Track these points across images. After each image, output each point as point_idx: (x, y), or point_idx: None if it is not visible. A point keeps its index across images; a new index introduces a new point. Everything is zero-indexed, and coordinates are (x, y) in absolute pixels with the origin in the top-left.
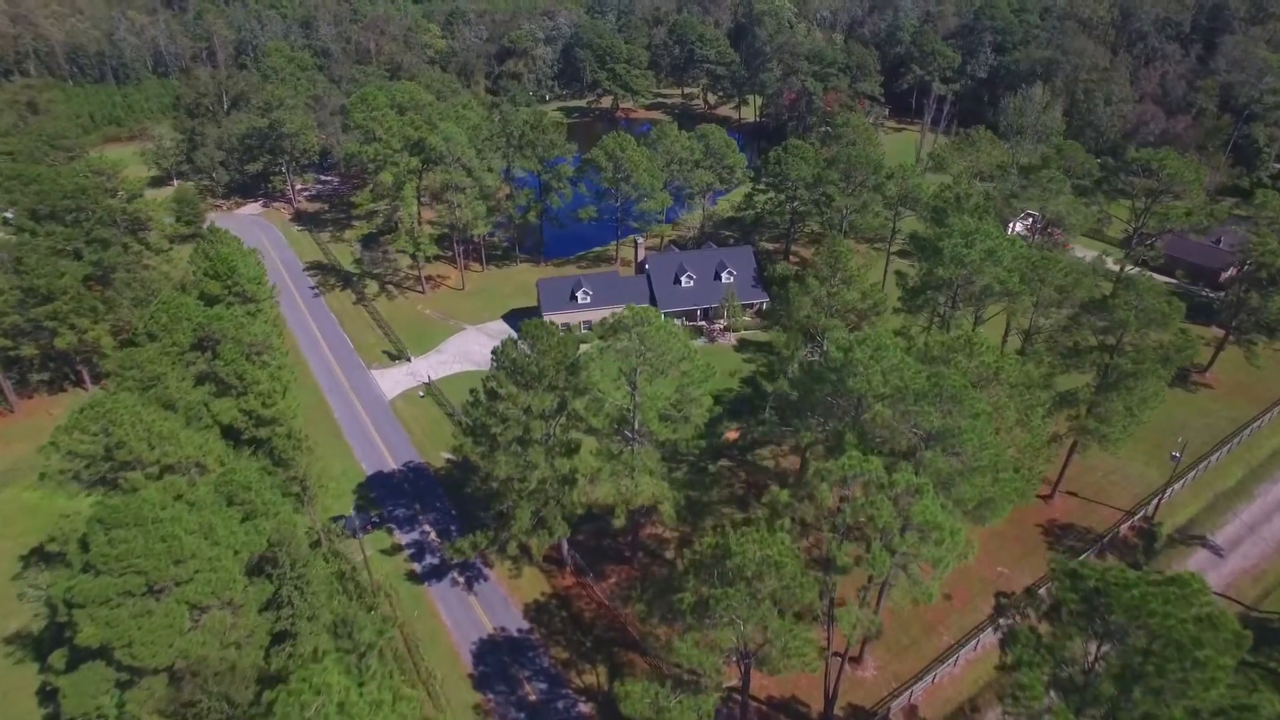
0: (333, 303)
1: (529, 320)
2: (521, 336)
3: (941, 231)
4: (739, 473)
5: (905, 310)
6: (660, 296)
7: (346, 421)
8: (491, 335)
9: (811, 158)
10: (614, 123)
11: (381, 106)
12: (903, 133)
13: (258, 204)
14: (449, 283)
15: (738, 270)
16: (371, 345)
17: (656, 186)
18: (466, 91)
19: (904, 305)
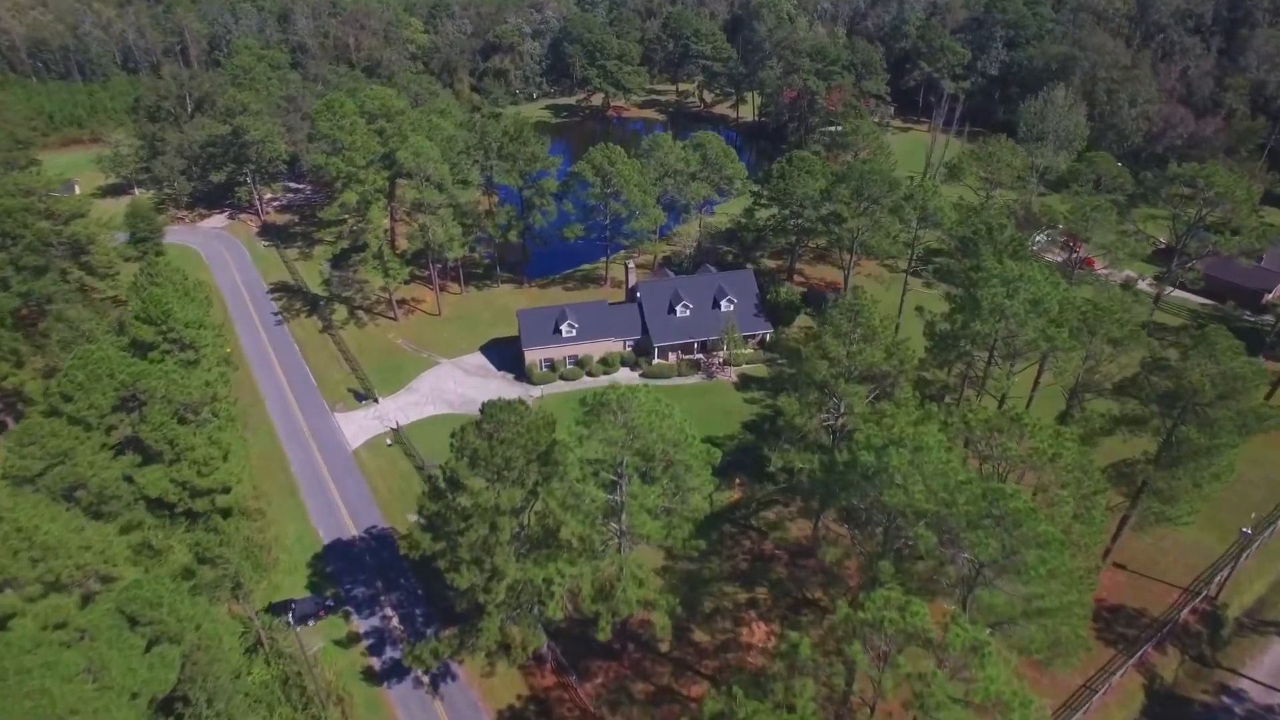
0: (297, 331)
1: (492, 402)
2: (484, 419)
3: (978, 277)
4: (741, 540)
5: (933, 363)
6: (653, 328)
7: (304, 475)
8: (468, 371)
9: (819, 170)
10: (605, 121)
11: (350, 114)
12: (910, 132)
13: (223, 215)
14: (424, 307)
15: (738, 298)
16: (336, 382)
17: (649, 203)
18: (447, 92)
19: (931, 357)
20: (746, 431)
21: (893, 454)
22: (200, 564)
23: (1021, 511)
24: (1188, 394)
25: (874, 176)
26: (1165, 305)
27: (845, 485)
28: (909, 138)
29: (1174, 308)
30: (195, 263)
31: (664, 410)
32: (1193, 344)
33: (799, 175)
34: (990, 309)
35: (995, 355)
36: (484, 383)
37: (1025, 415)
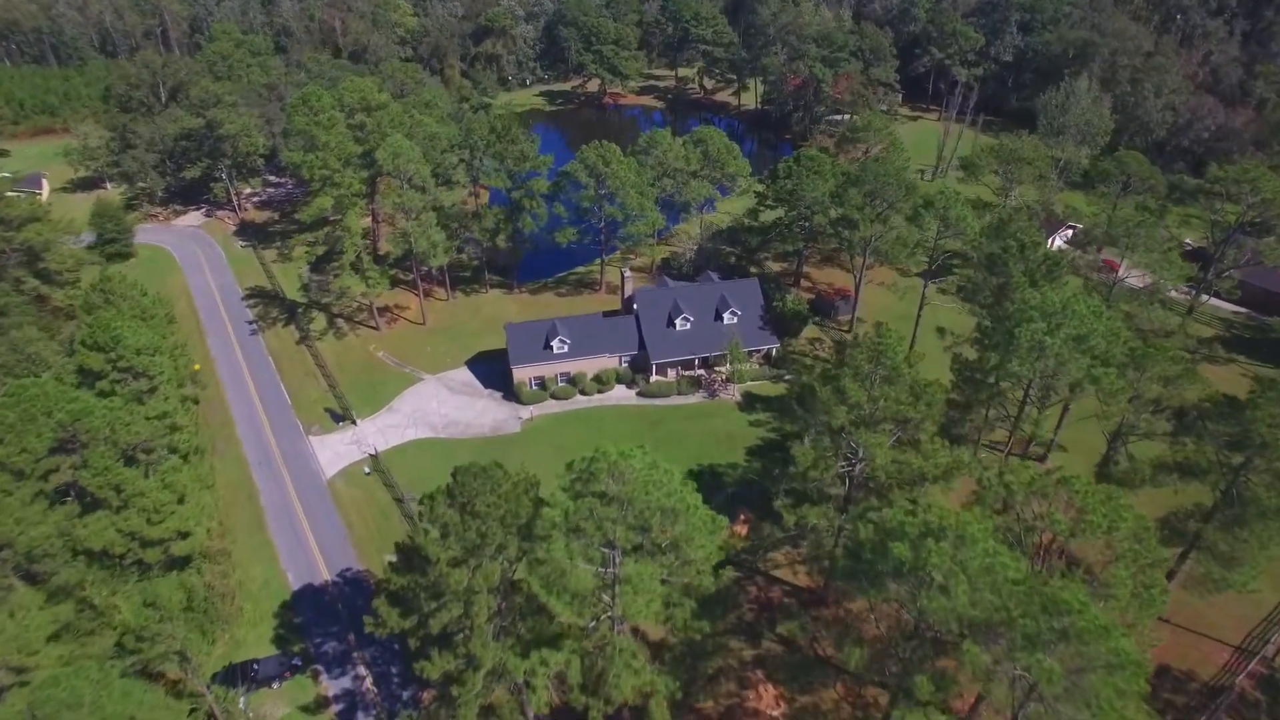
0: (273, 342)
1: (465, 468)
2: (457, 486)
3: (1014, 310)
4: (748, 587)
5: (962, 401)
6: (651, 343)
7: (274, 508)
8: (453, 388)
9: (828, 170)
10: (601, 109)
11: (327, 108)
12: (919, 121)
13: (200, 213)
14: (408, 315)
15: (742, 309)
16: (313, 401)
17: (647, 206)
18: (435, 81)
19: (960, 395)
20: (752, 458)
21: (931, 548)
22: (140, 641)
23: (1091, 631)
24: (1253, 445)
25: (889, 179)
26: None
27: (873, 579)
28: (918, 127)
29: (1204, 316)
30: (168, 265)
31: (661, 478)
32: (1261, 390)
33: (807, 176)
34: (1029, 347)
35: (1031, 394)
36: (470, 402)
37: (1075, 480)
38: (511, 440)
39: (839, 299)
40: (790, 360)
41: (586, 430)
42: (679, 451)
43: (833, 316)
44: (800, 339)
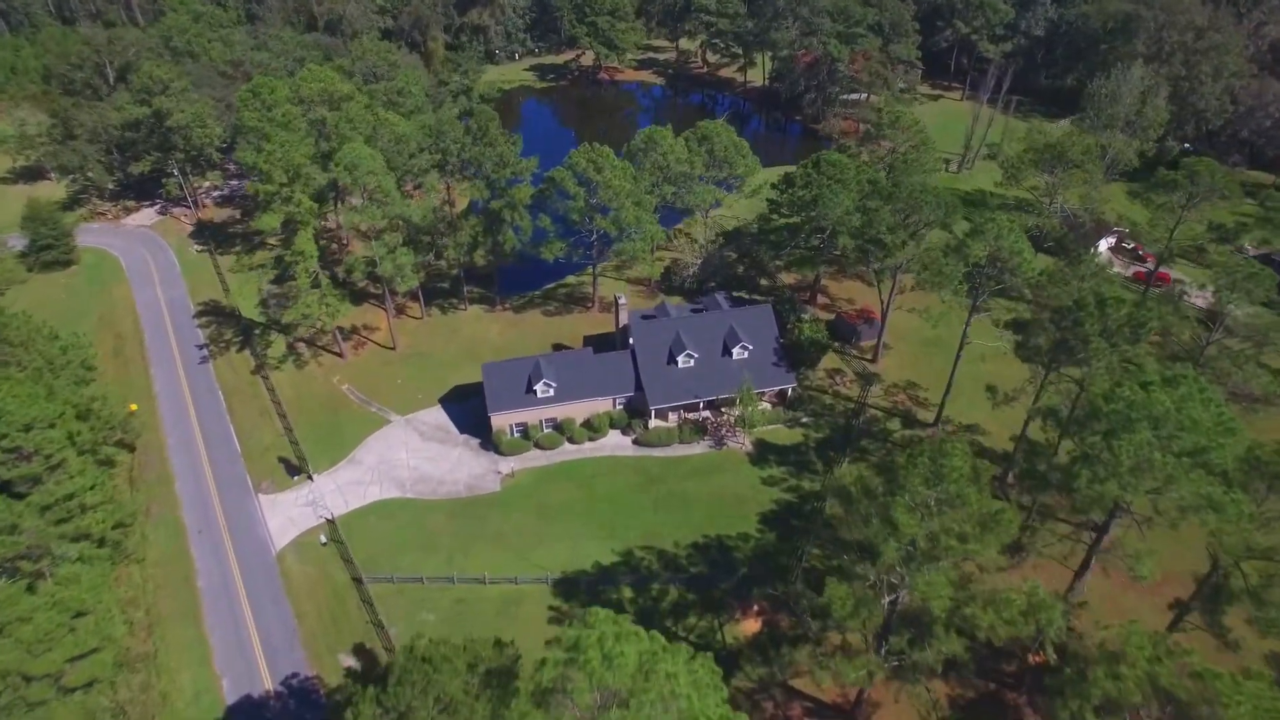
0: (224, 372)
1: (407, 658)
2: (393, 688)
3: (1110, 410)
4: (761, 701)
5: (1029, 504)
6: (649, 384)
7: (212, 592)
8: (425, 433)
9: (851, 178)
10: (596, 85)
11: (282, 102)
12: (940, 100)
13: (153, 210)
14: (377, 337)
15: (754, 342)
16: (266, 448)
17: (645, 218)
18: (413, 59)
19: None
20: (766, 528)
21: None
22: None
23: None
24: None
25: (926, 197)
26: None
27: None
28: (939, 107)
29: None
30: (113, 274)
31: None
32: None
33: (828, 186)
34: (1134, 462)
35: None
36: (443, 451)
37: (1220, 677)
38: (489, 502)
39: (862, 322)
40: (808, 400)
41: (575, 490)
42: (682, 518)
43: (854, 342)
44: (818, 370)
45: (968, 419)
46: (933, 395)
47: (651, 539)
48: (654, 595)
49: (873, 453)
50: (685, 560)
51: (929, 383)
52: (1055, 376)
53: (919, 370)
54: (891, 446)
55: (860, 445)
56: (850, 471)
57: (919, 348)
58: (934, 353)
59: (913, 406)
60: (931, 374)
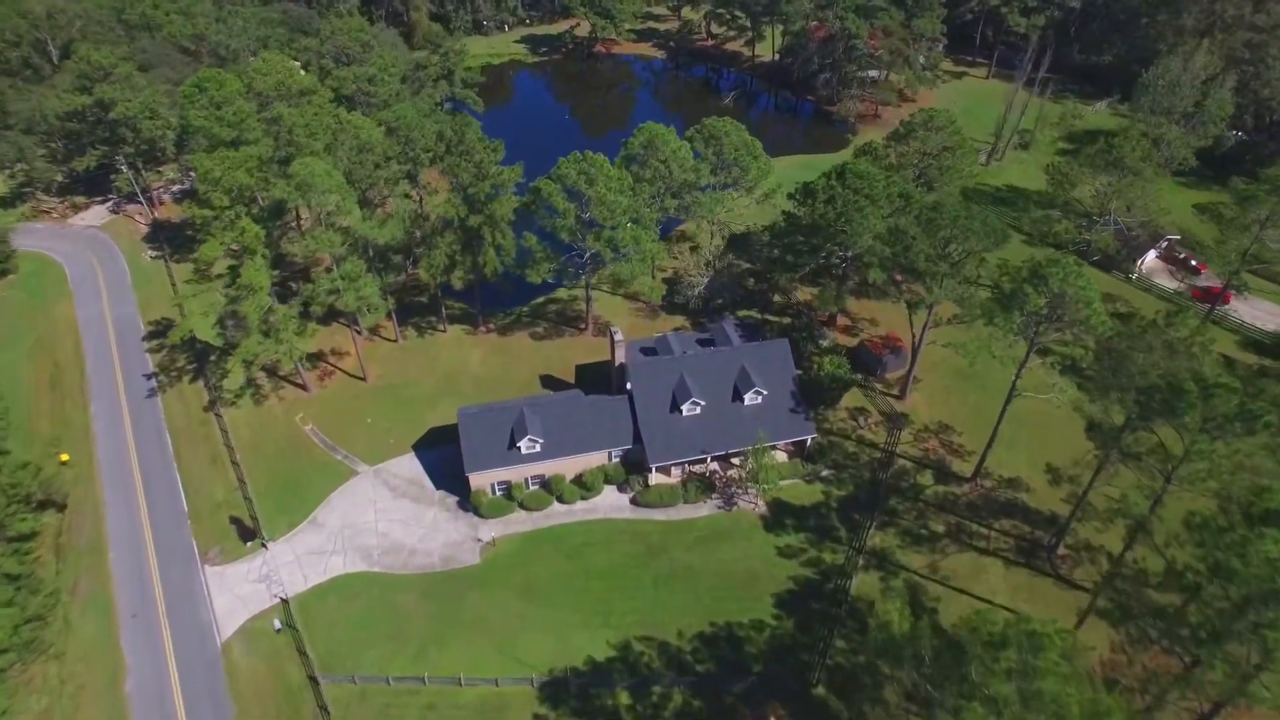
0: (174, 408)
1: None
2: None
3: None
4: None
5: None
6: (650, 436)
7: (143, 700)
8: (396, 489)
9: (881, 192)
10: (593, 58)
11: (232, 98)
12: (965, 79)
13: (105, 207)
14: (346, 364)
15: (769, 386)
16: (216, 505)
17: (644, 238)
18: (390, 37)
19: None
20: (783, 612)
21: None
22: None
23: None
24: None
25: (972, 225)
26: None
27: None
28: (964, 86)
29: None
30: (55, 286)
31: None
32: None
33: (855, 202)
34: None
35: None
36: (416, 512)
37: None
38: (467, 579)
39: (888, 351)
40: (828, 448)
41: (565, 563)
42: (687, 599)
43: (879, 374)
44: (839, 408)
45: (1008, 468)
46: (968, 440)
47: (652, 626)
48: (654, 701)
49: (903, 515)
50: (691, 655)
51: (964, 423)
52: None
53: (952, 408)
54: (924, 507)
55: (888, 505)
56: (894, 610)
57: (951, 380)
58: (968, 387)
59: (946, 455)
60: (965, 412)
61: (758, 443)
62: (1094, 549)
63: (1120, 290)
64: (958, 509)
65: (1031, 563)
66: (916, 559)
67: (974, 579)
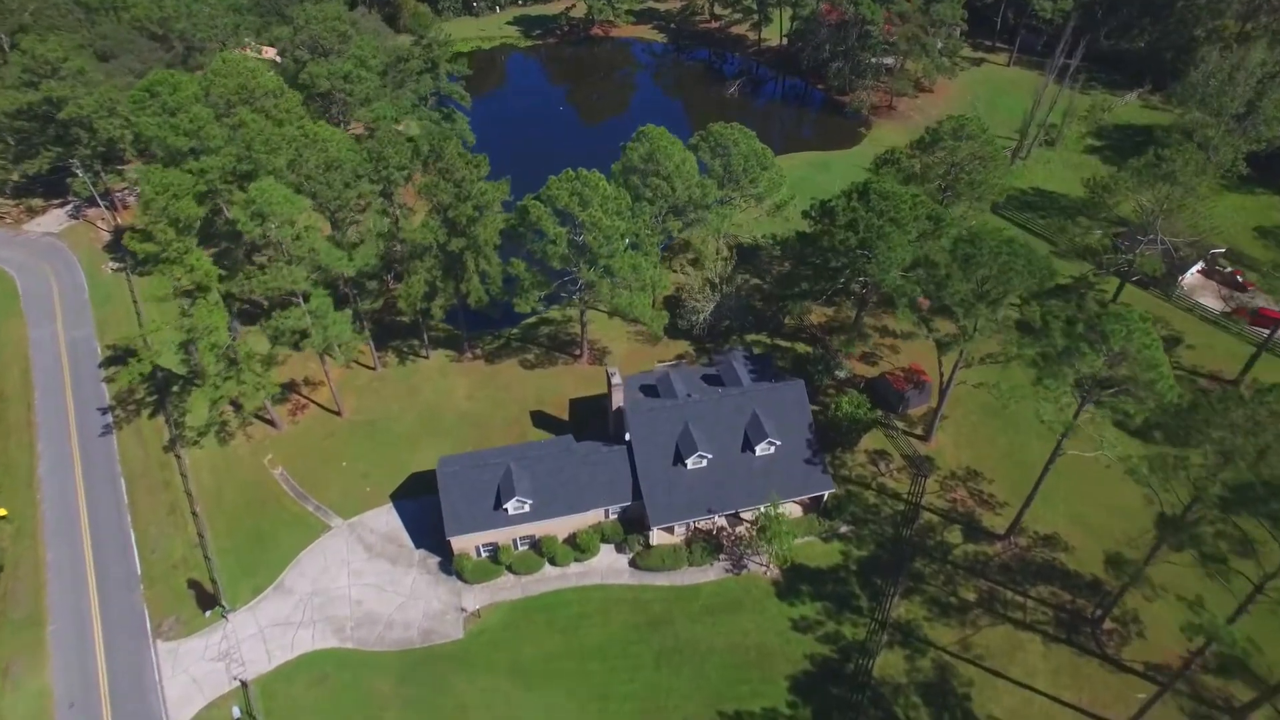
0: (130, 448)
1: None
2: None
3: None
4: None
5: None
6: (651, 493)
7: None
8: (372, 547)
9: (908, 215)
10: (590, 41)
11: (188, 101)
12: (984, 65)
13: (63, 211)
14: (320, 396)
15: (782, 435)
16: (173, 565)
17: (646, 265)
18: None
19: None
20: (799, 698)
21: None
22: None
23: None
24: None
25: (1017, 264)
26: None
27: None
28: (984, 74)
29: None
30: (6, 302)
31: None
32: None
33: (880, 230)
34: None
35: None
36: (394, 575)
37: None
38: (449, 657)
39: (910, 386)
40: (847, 499)
41: (558, 638)
42: (693, 682)
43: (901, 411)
44: (858, 451)
45: (1044, 523)
46: (999, 488)
47: (654, 713)
48: None
49: (929, 580)
50: None
51: (994, 469)
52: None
53: (980, 450)
54: (953, 570)
55: (913, 567)
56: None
57: (979, 417)
58: (997, 426)
59: (976, 507)
60: (995, 456)
61: (770, 503)
62: (1142, 623)
63: (1159, 310)
64: (990, 572)
65: (1074, 639)
66: (945, 633)
67: (1010, 658)
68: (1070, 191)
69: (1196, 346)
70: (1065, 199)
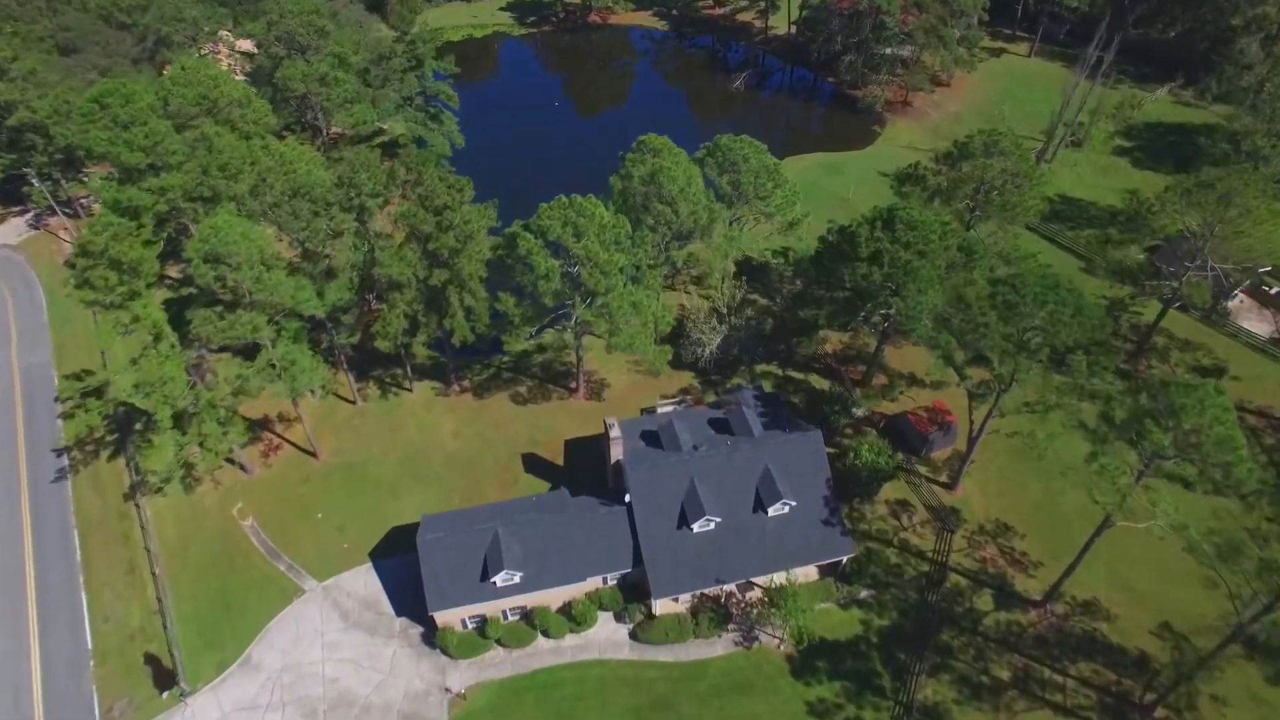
0: (86, 496)
1: None
2: None
3: None
4: None
5: None
6: (653, 560)
7: None
8: (349, 615)
9: (937, 247)
10: (587, 29)
11: (143, 114)
12: (1003, 56)
13: (23, 219)
14: (294, 436)
15: (798, 493)
16: (128, 637)
17: (647, 302)
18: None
19: None
20: None
21: None
22: None
23: None
24: None
25: (1064, 314)
26: None
27: None
28: (1003, 65)
29: None
30: None
31: None
32: None
33: (906, 263)
34: None
35: None
36: (372, 648)
37: None
38: None
39: (934, 428)
40: (868, 560)
41: None
42: None
43: (924, 454)
44: (877, 501)
45: (1083, 586)
46: (1032, 544)
47: None
48: None
49: (958, 654)
50: None
51: (1026, 521)
52: None
53: (1011, 500)
54: (984, 643)
55: (940, 638)
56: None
57: (1008, 461)
58: (1028, 471)
59: (1007, 567)
60: (1027, 506)
61: (785, 573)
62: (1198, 710)
63: (1200, 336)
64: (1024, 645)
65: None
66: (977, 719)
67: None
68: (1099, 199)
69: (1243, 378)
70: (1094, 208)
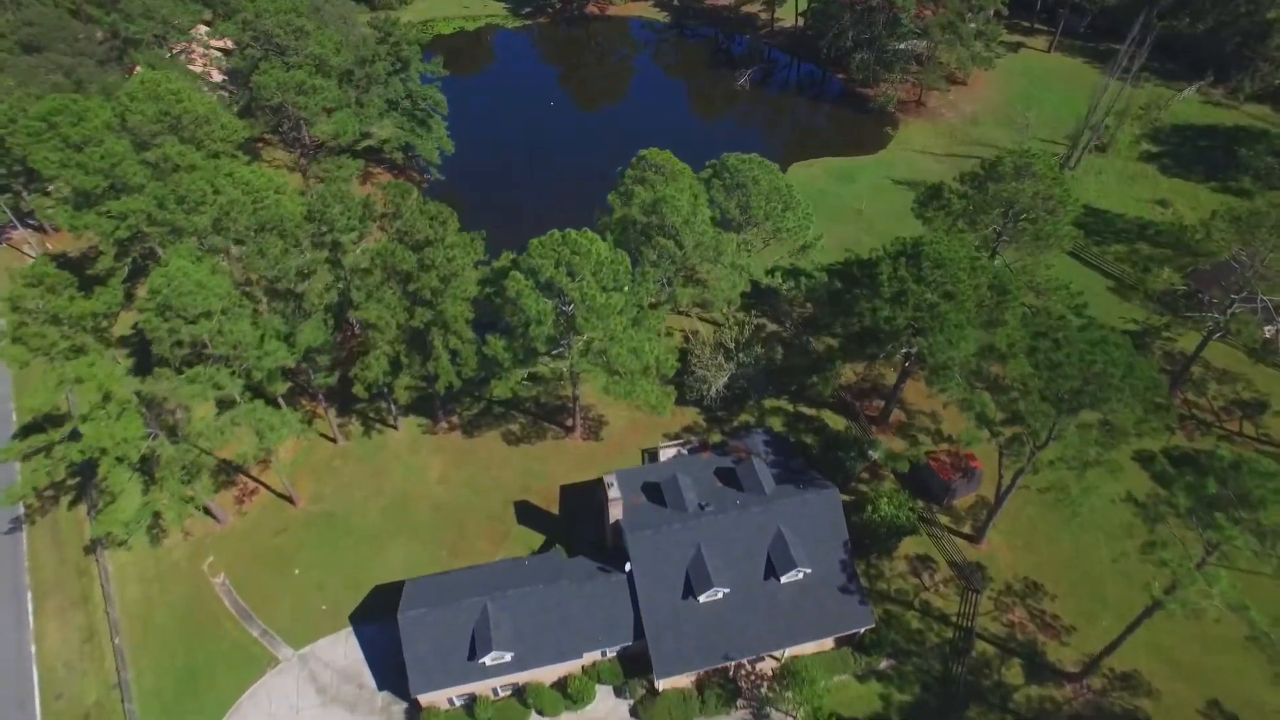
0: (42, 550)
1: None
2: None
3: None
4: None
5: None
6: (656, 635)
7: None
8: (327, 689)
9: (967, 286)
10: (585, 22)
11: (99, 132)
12: (1021, 51)
13: None
14: (270, 480)
15: (813, 560)
16: (82, 717)
17: (649, 347)
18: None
19: None
20: None
21: None
22: None
23: None
24: None
25: (1113, 376)
26: None
27: None
28: (1021, 61)
29: None
30: None
31: None
32: None
33: (933, 305)
34: None
35: None
36: None
37: None
38: None
39: (958, 474)
40: (888, 627)
41: None
42: None
43: (946, 503)
44: (896, 557)
45: (1121, 657)
46: (1064, 606)
47: None
48: None
49: None
50: None
51: (1057, 579)
52: None
53: (1040, 555)
54: None
55: (966, 718)
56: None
57: (1037, 510)
58: (1057, 523)
59: (1038, 633)
60: (1058, 562)
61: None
62: None
63: (1240, 366)
64: None
65: None
66: None
67: None
68: (1127, 210)
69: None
70: (1121, 220)
